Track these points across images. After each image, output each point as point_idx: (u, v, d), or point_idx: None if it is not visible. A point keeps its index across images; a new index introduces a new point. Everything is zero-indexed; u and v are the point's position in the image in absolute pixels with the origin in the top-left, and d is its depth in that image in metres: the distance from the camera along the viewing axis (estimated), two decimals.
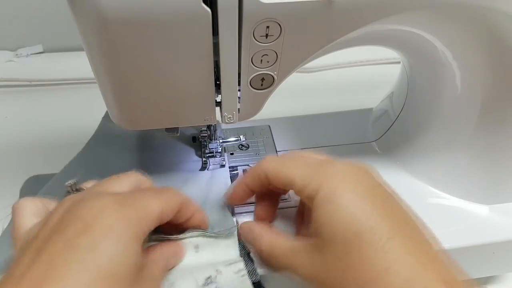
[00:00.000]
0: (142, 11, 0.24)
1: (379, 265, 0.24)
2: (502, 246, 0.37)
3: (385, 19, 0.28)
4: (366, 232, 0.25)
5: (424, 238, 0.27)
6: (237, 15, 0.25)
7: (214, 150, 0.42)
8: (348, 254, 0.25)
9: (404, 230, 0.26)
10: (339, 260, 0.26)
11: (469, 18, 0.30)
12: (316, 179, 0.28)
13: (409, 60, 0.41)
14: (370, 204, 0.26)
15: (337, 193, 0.27)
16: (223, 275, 0.30)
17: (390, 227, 0.25)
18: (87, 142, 0.45)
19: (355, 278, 0.25)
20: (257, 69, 0.29)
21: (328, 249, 0.26)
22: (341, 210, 0.26)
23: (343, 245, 0.26)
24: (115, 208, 0.24)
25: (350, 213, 0.26)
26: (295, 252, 0.29)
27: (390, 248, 0.24)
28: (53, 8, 0.70)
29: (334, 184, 0.27)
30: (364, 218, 0.26)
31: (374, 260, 0.24)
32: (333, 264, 0.26)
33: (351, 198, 0.27)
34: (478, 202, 0.40)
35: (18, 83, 0.66)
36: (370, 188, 0.28)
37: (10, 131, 0.58)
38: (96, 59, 0.27)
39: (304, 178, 0.28)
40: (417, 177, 0.42)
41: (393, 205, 0.28)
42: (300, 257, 0.28)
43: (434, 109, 0.39)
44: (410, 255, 0.25)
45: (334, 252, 0.26)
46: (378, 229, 0.25)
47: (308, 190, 0.28)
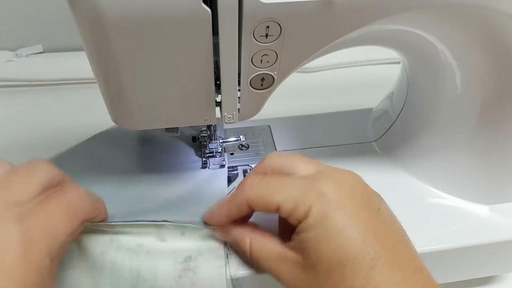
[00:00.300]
0: (142, 11, 0.24)
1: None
2: (502, 246, 0.37)
3: (385, 19, 0.28)
4: (349, 261, 0.26)
5: (407, 255, 0.28)
6: (237, 15, 0.25)
7: (214, 150, 0.42)
8: (329, 279, 0.26)
9: (388, 253, 0.26)
10: (320, 282, 0.27)
11: (469, 18, 0.30)
12: (305, 202, 0.27)
13: (409, 60, 0.41)
14: (359, 227, 0.27)
15: (325, 218, 0.27)
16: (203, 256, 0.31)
17: (376, 251, 0.26)
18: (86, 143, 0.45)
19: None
20: (257, 69, 0.29)
21: (311, 269, 0.27)
22: (328, 237, 0.26)
23: (326, 270, 0.26)
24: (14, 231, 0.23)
25: (339, 238, 0.26)
26: (281, 260, 0.29)
27: (372, 276, 0.25)
28: (53, 8, 0.70)
29: (324, 205, 0.27)
30: (349, 246, 0.26)
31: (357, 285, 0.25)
32: (314, 284, 0.27)
33: (341, 221, 0.27)
34: (478, 202, 0.40)
35: (18, 83, 0.66)
36: (362, 204, 0.28)
37: (10, 131, 0.58)
38: (96, 59, 0.27)
39: (291, 201, 0.27)
40: (417, 177, 0.42)
41: (384, 220, 0.28)
42: (285, 268, 0.29)
43: (434, 109, 0.39)
44: (397, 275, 0.25)
45: (316, 274, 0.27)
46: (362, 257, 0.26)
47: (297, 214, 0.27)
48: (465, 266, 0.39)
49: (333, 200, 0.27)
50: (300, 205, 0.27)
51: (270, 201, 0.28)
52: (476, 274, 0.41)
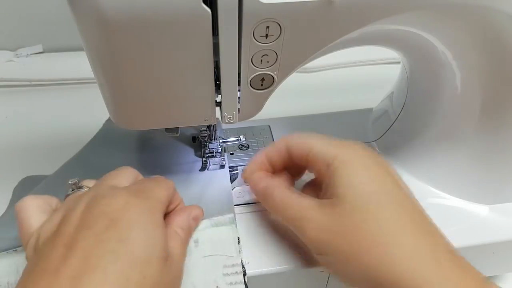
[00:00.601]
0: (142, 11, 0.24)
1: (393, 226, 0.26)
2: (502, 246, 0.37)
3: (385, 19, 0.28)
4: (383, 194, 0.28)
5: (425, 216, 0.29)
6: (237, 15, 0.25)
7: (214, 150, 0.42)
8: (363, 212, 0.27)
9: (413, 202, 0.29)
10: (354, 216, 0.27)
11: (469, 18, 0.30)
12: (334, 147, 0.30)
13: (409, 60, 0.41)
14: (384, 173, 0.29)
15: (355, 158, 0.29)
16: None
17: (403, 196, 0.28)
18: (87, 143, 0.45)
19: (367, 234, 0.26)
20: (257, 69, 0.29)
21: (343, 206, 0.28)
22: (360, 172, 0.29)
23: (360, 202, 0.27)
24: (133, 201, 0.26)
25: (369, 175, 0.28)
26: (308, 206, 0.30)
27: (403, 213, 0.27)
28: (53, 8, 0.70)
29: (352, 151, 0.30)
30: (381, 181, 0.28)
31: (389, 220, 0.26)
32: (347, 220, 0.27)
33: (369, 163, 0.29)
34: (478, 202, 0.40)
35: (18, 83, 0.66)
36: (384, 164, 0.30)
37: (10, 131, 0.58)
38: (96, 59, 0.27)
39: (322, 146, 0.31)
40: (417, 177, 0.42)
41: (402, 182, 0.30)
42: (312, 212, 0.29)
43: (434, 109, 0.39)
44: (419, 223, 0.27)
45: (349, 209, 0.27)
46: (394, 194, 0.28)
47: (326, 156, 0.30)
48: None
49: (361, 149, 0.30)
50: (330, 149, 0.30)
51: (304, 143, 0.32)
52: None
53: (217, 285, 0.31)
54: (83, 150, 0.44)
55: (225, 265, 0.32)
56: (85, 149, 0.44)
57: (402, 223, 0.26)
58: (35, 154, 0.55)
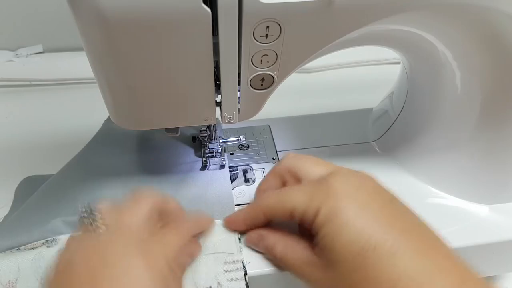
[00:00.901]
0: (142, 11, 0.24)
1: (389, 278, 0.24)
2: (502, 246, 0.37)
3: (385, 19, 0.28)
4: (370, 250, 0.25)
5: (434, 238, 0.27)
6: (237, 15, 0.25)
7: (214, 150, 0.42)
8: (355, 272, 0.26)
9: (413, 236, 0.26)
10: (347, 278, 0.26)
11: (469, 18, 0.30)
12: (315, 201, 0.28)
13: (409, 60, 0.41)
14: (372, 216, 0.26)
15: (337, 211, 0.27)
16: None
17: (396, 237, 0.25)
18: (88, 143, 0.45)
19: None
20: (257, 69, 0.29)
21: (335, 267, 0.27)
22: (343, 228, 0.26)
23: (350, 263, 0.26)
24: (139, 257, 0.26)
25: (353, 230, 0.26)
26: (307, 266, 0.29)
27: (398, 260, 0.25)
28: (53, 8, 0.70)
29: (332, 202, 0.27)
30: (367, 234, 0.26)
31: (382, 274, 0.25)
32: (342, 282, 0.26)
33: (352, 213, 0.27)
34: (478, 202, 0.40)
35: (18, 83, 0.66)
36: (372, 195, 0.28)
37: (10, 131, 0.58)
38: (96, 59, 0.27)
39: (302, 205, 0.28)
40: (417, 177, 0.42)
41: (398, 209, 0.28)
42: (310, 271, 0.28)
43: (434, 109, 0.39)
44: (422, 260, 0.25)
45: (341, 270, 0.26)
46: (383, 243, 0.25)
47: (308, 215, 0.28)
48: None
49: (341, 196, 0.27)
50: (310, 206, 0.28)
51: (283, 208, 0.30)
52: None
53: (218, 281, 0.31)
54: (83, 151, 0.44)
55: (226, 262, 0.32)
56: (85, 150, 0.44)
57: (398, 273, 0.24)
58: (35, 154, 0.55)
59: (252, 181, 0.41)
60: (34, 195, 0.39)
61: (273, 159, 0.44)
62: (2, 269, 0.32)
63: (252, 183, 0.41)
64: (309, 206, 0.28)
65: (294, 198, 0.29)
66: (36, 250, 0.33)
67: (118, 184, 0.39)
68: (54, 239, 0.33)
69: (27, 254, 0.32)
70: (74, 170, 0.41)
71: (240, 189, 0.40)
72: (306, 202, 0.28)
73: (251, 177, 0.42)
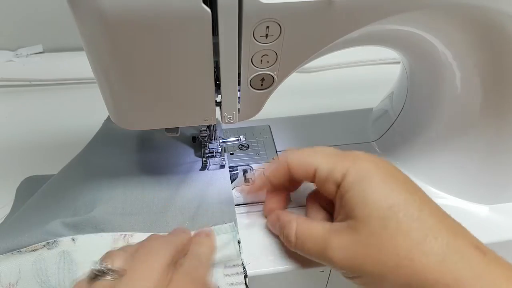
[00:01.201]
0: (142, 11, 0.24)
1: (418, 234, 0.26)
2: (502, 246, 0.37)
3: (385, 19, 0.28)
4: (401, 205, 0.27)
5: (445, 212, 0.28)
6: (237, 15, 0.25)
7: (214, 150, 0.42)
8: (385, 229, 0.26)
9: (431, 204, 0.28)
10: (377, 236, 0.27)
11: (469, 18, 0.30)
12: (341, 165, 0.29)
13: (409, 60, 0.41)
14: (396, 182, 0.28)
15: (365, 174, 0.28)
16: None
17: (420, 201, 0.27)
18: (88, 143, 0.45)
19: (395, 249, 0.26)
20: (257, 69, 0.29)
21: (364, 227, 0.27)
22: (372, 188, 0.28)
23: (380, 220, 0.27)
24: None
25: (382, 190, 0.27)
26: (329, 235, 0.29)
27: (424, 219, 0.26)
28: (53, 8, 0.70)
29: (360, 167, 0.29)
30: (395, 193, 0.27)
31: (412, 230, 0.26)
32: (371, 241, 0.27)
33: (379, 177, 0.28)
34: (478, 202, 0.40)
35: (18, 83, 0.66)
36: (392, 171, 0.29)
37: (10, 131, 0.58)
38: (96, 59, 0.27)
39: (328, 165, 0.30)
40: (417, 177, 0.42)
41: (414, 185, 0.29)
42: (335, 239, 0.28)
43: (434, 109, 0.39)
44: (442, 224, 0.26)
45: (370, 229, 0.27)
46: (410, 202, 0.27)
47: (334, 175, 0.29)
48: None
49: (369, 162, 0.29)
50: (337, 166, 0.29)
51: (309, 163, 0.31)
52: None
53: (218, 285, 0.31)
54: (83, 152, 0.44)
55: (226, 266, 0.32)
56: (85, 150, 0.44)
57: (425, 230, 0.26)
58: (35, 154, 0.55)
59: (252, 181, 0.41)
60: (35, 196, 0.39)
61: (273, 159, 0.44)
62: (3, 271, 0.31)
63: (252, 183, 0.41)
64: (335, 168, 0.29)
65: (320, 159, 0.30)
66: (37, 252, 0.32)
67: (118, 184, 0.39)
68: (55, 241, 0.33)
69: (27, 256, 0.32)
70: (74, 171, 0.41)
71: (240, 189, 0.40)
72: (332, 164, 0.30)
73: (251, 177, 0.42)
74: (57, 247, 0.33)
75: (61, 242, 0.33)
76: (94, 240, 0.33)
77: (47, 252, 0.32)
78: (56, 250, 0.32)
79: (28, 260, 0.32)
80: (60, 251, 0.32)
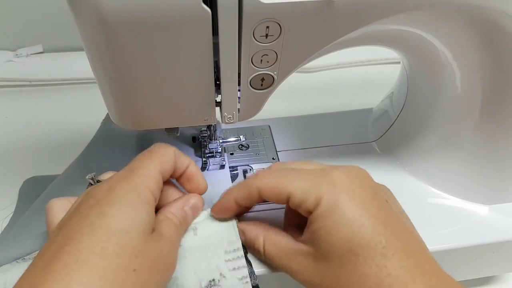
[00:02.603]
0: (142, 11, 0.24)
1: (372, 280, 0.26)
2: (502, 246, 0.37)
3: (385, 19, 0.28)
4: (362, 249, 0.26)
5: (417, 245, 0.28)
6: (237, 15, 0.25)
7: (214, 150, 0.42)
8: (342, 268, 0.26)
9: (399, 242, 0.27)
10: (333, 272, 0.27)
11: (469, 18, 0.30)
12: (314, 193, 0.28)
13: (409, 60, 0.41)
14: (367, 217, 0.27)
15: (334, 207, 0.27)
16: (227, 280, 0.31)
17: (387, 240, 0.26)
18: (87, 145, 0.45)
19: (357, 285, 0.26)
20: (257, 69, 0.29)
21: (323, 260, 0.27)
22: (339, 226, 0.27)
23: (338, 259, 0.27)
24: (120, 182, 0.27)
25: (348, 229, 0.26)
26: (293, 255, 0.29)
27: (384, 264, 0.26)
28: (53, 8, 0.70)
29: (333, 197, 0.27)
30: (361, 234, 0.26)
31: (367, 276, 0.26)
32: (328, 274, 0.27)
33: (350, 210, 0.27)
34: (478, 202, 0.40)
35: (18, 83, 0.66)
36: (372, 194, 0.28)
37: (10, 131, 0.58)
38: (96, 59, 0.27)
39: (302, 193, 0.28)
40: (417, 177, 0.42)
41: (390, 213, 0.29)
42: (297, 261, 0.29)
43: (434, 109, 0.39)
44: (402, 269, 0.26)
45: (329, 263, 0.27)
46: (374, 245, 0.26)
47: (307, 204, 0.28)
48: (465, 266, 0.39)
49: (343, 190, 0.28)
50: (311, 195, 0.28)
51: (281, 189, 0.29)
52: (476, 274, 0.41)
53: (220, 272, 0.31)
54: (83, 153, 0.44)
55: (226, 251, 0.32)
56: (85, 152, 0.44)
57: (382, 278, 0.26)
58: (35, 154, 0.55)
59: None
60: (36, 202, 0.39)
61: (273, 159, 0.44)
62: (9, 280, 0.31)
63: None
64: (310, 195, 0.28)
65: (294, 184, 0.29)
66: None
67: None
68: None
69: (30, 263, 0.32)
70: (74, 174, 0.41)
71: None
72: (307, 190, 0.28)
73: None
74: None
75: None
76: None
77: None
78: None
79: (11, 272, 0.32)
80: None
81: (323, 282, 0.27)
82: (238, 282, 0.31)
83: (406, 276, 0.25)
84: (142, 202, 0.27)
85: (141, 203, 0.27)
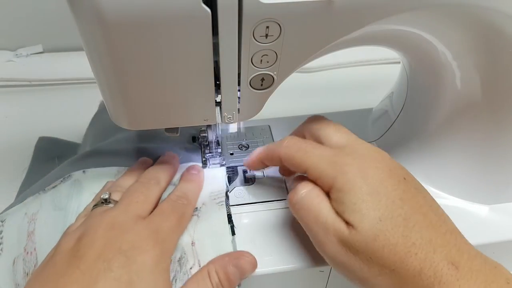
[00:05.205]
0: (142, 11, 0.24)
1: (401, 250, 0.27)
2: (502, 246, 0.37)
3: (385, 19, 0.28)
4: (387, 219, 0.28)
5: (436, 217, 0.29)
6: (237, 15, 0.25)
7: (214, 150, 0.42)
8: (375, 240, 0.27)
9: (417, 215, 0.28)
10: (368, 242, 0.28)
11: (469, 18, 0.30)
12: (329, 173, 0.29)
13: (409, 60, 0.41)
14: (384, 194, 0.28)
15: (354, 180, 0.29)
16: (207, 206, 0.36)
17: (405, 213, 0.28)
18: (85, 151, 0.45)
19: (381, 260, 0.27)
20: (257, 69, 0.29)
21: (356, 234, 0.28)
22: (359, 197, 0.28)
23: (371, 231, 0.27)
24: (150, 244, 0.29)
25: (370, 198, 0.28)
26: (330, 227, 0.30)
27: (407, 235, 0.27)
28: (53, 8, 0.70)
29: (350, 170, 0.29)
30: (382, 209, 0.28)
31: (397, 245, 0.27)
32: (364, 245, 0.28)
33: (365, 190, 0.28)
34: (478, 202, 0.40)
35: (18, 83, 0.66)
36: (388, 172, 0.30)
37: (10, 131, 0.58)
38: (96, 60, 0.27)
39: (317, 169, 0.30)
40: (417, 177, 0.42)
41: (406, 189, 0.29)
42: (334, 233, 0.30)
43: (434, 109, 0.39)
44: (423, 239, 0.27)
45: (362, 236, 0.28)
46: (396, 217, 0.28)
47: (322, 182, 0.30)
48: None
49: (357, 172, 0.29)
50: (326, 174, 0.30)
51: (299, 163, 0.31)
52: None
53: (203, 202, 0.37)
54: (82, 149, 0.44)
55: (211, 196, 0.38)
56: (84, 149, 0.44)
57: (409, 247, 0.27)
58: None
59: (251, 182, 0.41)
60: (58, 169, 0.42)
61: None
62: (30, 208, 0.36)
63: (251, 183, 0.41)
64: (325, 174, 0.30)
65: (312, 159, 0.31)
66: (56, 188, 0.37)
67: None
68: (69, 175, 0.38)
69: (49, 192, 0.37)
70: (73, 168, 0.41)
71: (240, 189, 0.40)
72: (322, 169, 0.30)
73: (251, 177, 0.42)
74: (70, 179, 0.38)
75: (74, 175, 0.38)
76: (102, 171, 0.39)
77: (62, 185, 0.38)
78: (69, 181, 0.38)
79: (48, 194, 0.37)
80: (72, 181, 0.38)
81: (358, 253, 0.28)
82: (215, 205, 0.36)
83: (427, 246, 0.27)
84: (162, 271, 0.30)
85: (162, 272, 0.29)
